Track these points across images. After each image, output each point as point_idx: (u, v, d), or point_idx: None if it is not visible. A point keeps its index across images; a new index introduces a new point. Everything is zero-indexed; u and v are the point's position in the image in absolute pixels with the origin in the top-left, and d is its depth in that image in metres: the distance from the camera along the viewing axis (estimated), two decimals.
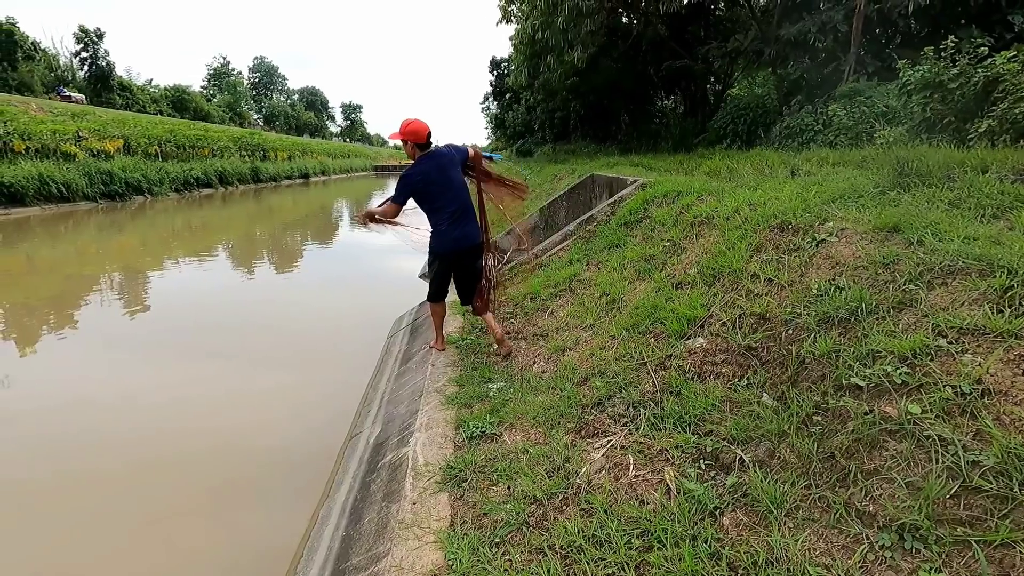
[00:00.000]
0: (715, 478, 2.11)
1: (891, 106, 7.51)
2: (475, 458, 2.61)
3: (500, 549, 2.01)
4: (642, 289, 3.99)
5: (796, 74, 11.72)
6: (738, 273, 3.25)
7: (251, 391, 4.93)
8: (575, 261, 5.28)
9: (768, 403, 2.33)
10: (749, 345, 2.70)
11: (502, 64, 27.59)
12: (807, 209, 3.39)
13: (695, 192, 4.91)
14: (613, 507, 2.08)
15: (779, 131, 9.49)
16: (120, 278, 9.82)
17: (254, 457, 3.88)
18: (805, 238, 3.10)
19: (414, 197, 3.90)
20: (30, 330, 6.74)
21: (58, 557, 2.94)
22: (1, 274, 9.72)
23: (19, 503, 3.34)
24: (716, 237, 3.86)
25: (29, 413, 4.44)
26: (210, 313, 7.42)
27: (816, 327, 2.43)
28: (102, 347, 6.02)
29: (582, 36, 13.00)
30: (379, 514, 2.51)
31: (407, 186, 3.84)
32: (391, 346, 5.44)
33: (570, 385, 3.14)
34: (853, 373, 2.06)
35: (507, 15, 16.38)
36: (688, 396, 2.60)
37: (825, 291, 2.58)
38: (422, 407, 3.31)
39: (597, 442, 2.57)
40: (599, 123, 18.90)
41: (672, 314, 3.30)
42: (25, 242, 13.01)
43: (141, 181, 21.36)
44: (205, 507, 3.36)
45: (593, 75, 15.35)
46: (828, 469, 1.87)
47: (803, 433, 2.05)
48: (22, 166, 16.56)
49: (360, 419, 4.04)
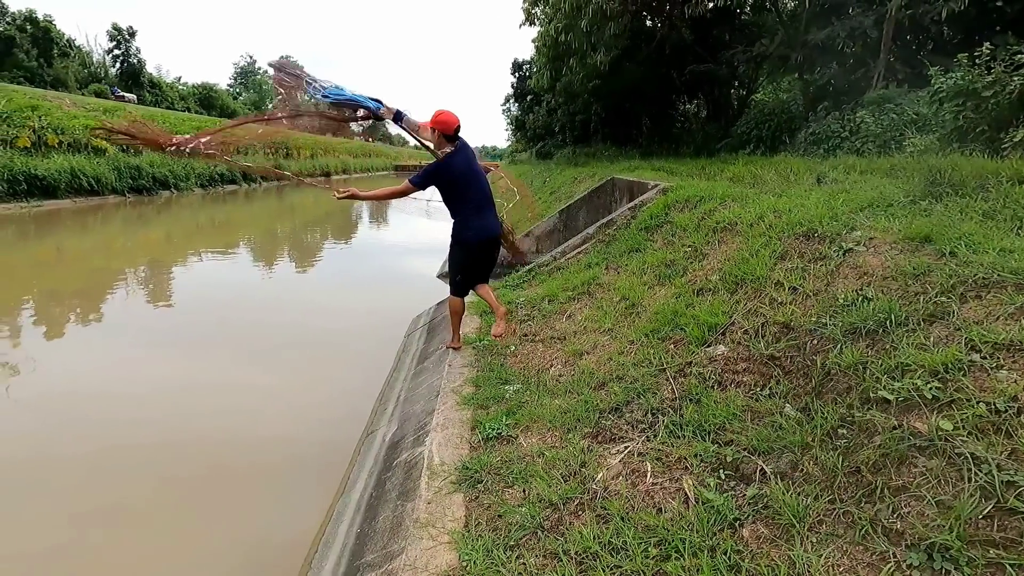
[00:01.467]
0: (735, 489, 2.07)
1: (921, 114, 7.34)
2: (491, 460, 2.61)
3: (515, 552, 2.00)
4: (662, 294, 3.95)
5: (823, 80, 11.53)
6: (761, 281, 3.20)
7: (270, 386, 4.99)
8: (594, 264, 5.25)
9: (791, 414, 2.29)
10: (772, 354, 2.65)
11: (524, 66, 27.58)
12: (834, 217, 3.32)
13: (718, 197, 4.85)
14: (630, 514, 2.06)
15: (804, 137, 9.33)
16: (145, 271, 10.03)
17: (272, 450, 3.94)
18: (832, 247, 3.04)
19: (441, 187, 4.00)
20: (57, 319, 6.91)
21: (73, 541, 3.00)
22: (33, 264, 9.99)
23: (35, 489, 3.41)
24: (739, 244, 3.80)
25: (52, 399, 4.55)
26: (232, 308, 7.53)
27: (842, 338, 2.38)
28: (125, 338, 6.15)
29: (605, 39, 12.93)
30: (394, 512, 2.51)
31: (435, 176, 3.92)
32: (408, 345, 5.47)
33: (587, 389, 3.12)
34: (881, 386, 2.01)
35: (530, 17, 16.37)
36: (708, 404, 2.56)
37: (852, 301, 2.52)
38: (438, 407, 3.31)
39: (614, 448, 2.55)
40: (620, 126, 18.78)
41: (693, 320, 3.26)
42: (56, 234, 13.36)
43: (168, 176, 21.80)
44: (222, 497, 3.41)
45: (615, 78, 15.26)
46: (854, 484, 1.82)
47: (827, 446, 2.01)
48: (55, 159, 17.01)
49: (376, 416, 4.06)
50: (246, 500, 3.41)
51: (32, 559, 2.85)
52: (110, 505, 3.29)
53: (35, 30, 37.68)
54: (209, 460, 3.78)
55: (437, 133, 3.95)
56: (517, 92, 28.78)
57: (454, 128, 3.94)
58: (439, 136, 3.95)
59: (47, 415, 4.33)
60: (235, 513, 3.30)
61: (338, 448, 3.84)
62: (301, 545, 2.89)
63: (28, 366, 5.21)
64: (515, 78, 28.37)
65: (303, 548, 2.86)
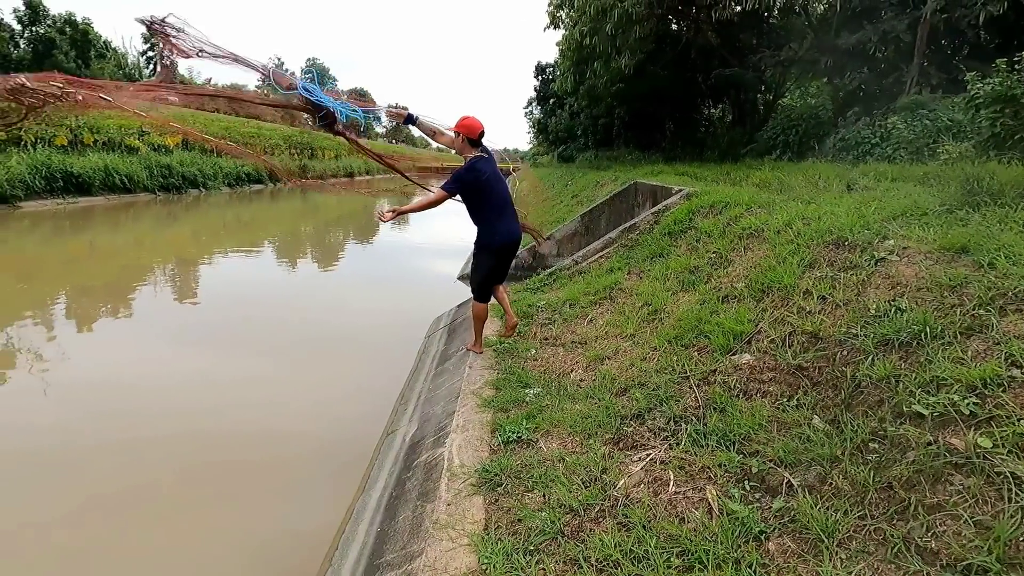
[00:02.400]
0: (760, 500, 2.03)
1: (956, 120, 7.15)
2: (511, 463, 2.60)
3: (534, 557, 1.99)
4: (686, 301, 3.91)
5: (853, 85, 11.31)
6: (789, 289, 3.14)
7: (291, 382, 5.06)
8: (616, 269, 5.22)
9: (819, 426, 2.24)
10: (800, 364, 2.60)
11: (547, 69, 27.62)
12: (865, 225, 3.25)
13: (744, 204, 4.78)
14: (652, 523, 2.03)
15: (833, 143, 9.16)
16: (173, 268, 10.26)
17: (294, 445, 3.99)
18: (863, 256, 2.97)
19: (467, 193, 4.02)
20: (88, 312, 7.11)
21: (97, 525, 3.07)
22: (67, 259, 10.30)
23: (65, 474, 3.51)
24: (766, 251, 3.74)
25: (82, 389, 4.68)
26: (256, 306, 7.66)
27: (874, 349, 2.32)
28: (153, 332, 6.29)
29: (630, 43, 12.86)
30: (414, 512, 2.52)
31: (465, 183, 3.95)
32: (429, 345, 5.49)
33: (609, 395, 3.09)
34: (915, 400, 1.95)
35: (555, 21, 16.37)
36: (733, 413, 2.52)
37: (884, 312, 2.46)
38: (458, 408, 3.32)
39: (636, 455, 2.52)
40: (643, 130, 18.67)
41: (718, 328, 3.21)
42: (89, 230, 13.76)
43: (197, 175, 22.32)
44: (244, 489, 3.47)
45: (639, 82, 15.17)
46: (885, 500, 1.77)
47: (858, 460, 1.96)
48: (90, 158, 17.55)
49: (397, 416, 4.09)
50: (268, 493, 3.46)
51: (59, 539, 2.93)
52: (134, 493, 3.37)
53: (74, 32, 38.89)
54: (232, 453, 3.86)
55: (462, 138, 3.99)
56: (540, 95, 28.85)
57: (479, 133, 3.99)
58: (464, 141, 3.99)
59: (78, 404, 4.46)
60: (257, 506, 3.36)
61: (358, 446, 3.88)
62: (322, 541, 2.92)
63: (60, 357, 5.37)
64: (538, 81, 28.45)
65: (323, 544, 2.89)
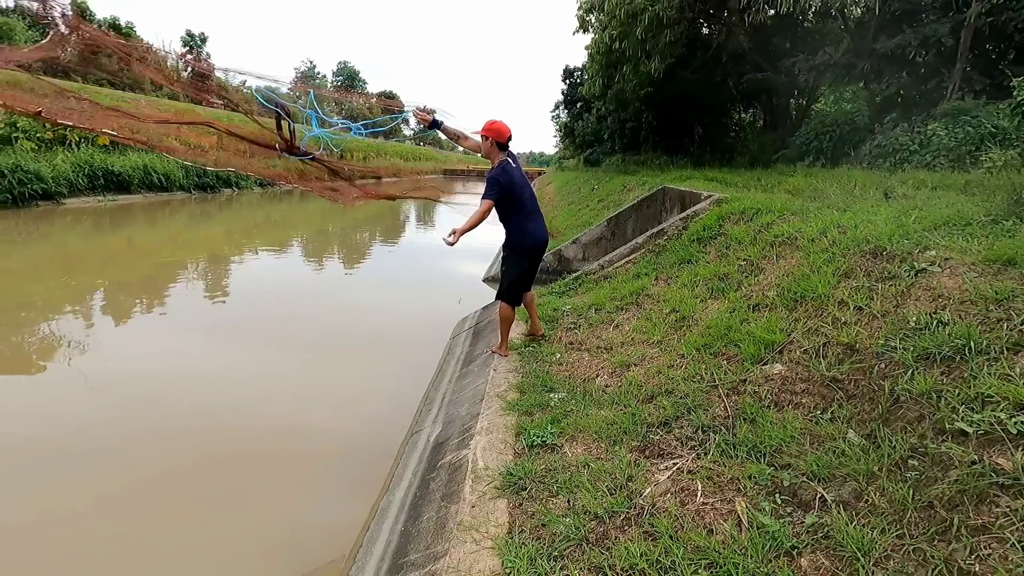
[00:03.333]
0: (792, 515, 1.98)
1: (1001, 127, 6.90)
2: (535, 467, 2.59)
3: (558, 563, 1.98)
4: (715, 308, 3.85)
5: (891, 90, 11.00)
6: (823, 299, 3.07)
7: (317, 379, 5.13)
8: (643, 275, 5.17)
9: (855, 440, 2.17)
10: (834, 376, 2.53)
11: (575, 73, 27.55)
12: (905, 235, 3.15)
13: (776, 211, 4.69)
14: (679, 533, 2.00)
15: (869, 149, 8.92)
16: (205, 265, 10.53)
17: (319, 442, 4.05)
18: (902, 266, 2.88)
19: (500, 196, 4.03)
20: (125, 306, 7.34)
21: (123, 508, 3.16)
22: (106, 255, 10.66)
23: (98, 461, 3.62)
24: (799, 259, 3.66)
25: (118, 380, 4.83)
26: (283, 304, 7.80)
27: (914, 363, 2.24)
28: (185, 327, 6.46)
29: (660, 47, 12.75)
30: (438, 513, 2.53)
31: (501, 186, 3.96)
32: (453, 347, 5.52)
33: (635, 402, 3.06)
34: (958, 417, 1.88)
35: (584, 25, 16.33)
36: (764, 425, 2.47)
37: (925, 325, 2.38)
38: (483, 411, 3.33)
39: (662, 463, 2.49)
40: (671, 135, 18.46)
41: (748, 337, 3.16)
42: (128, 226, 14.23)
43: (230, 175, 22.88)
44: (271, 483, 3.53)
45: (669, 86, 15.02)
46: (925, 519, 1.71)
47: (896, 477, 1.90)
48: (130, 157, 18.16)
49: (421, 416, 4.12)
50: (293, 487, 3.52)
51: (87, 522, 3.03)
52: (165, 482, 3.47)
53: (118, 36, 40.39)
54: (259, 446, 3.93)
55: (491, 141, 4.00)
56: (567, 99, 28.78)
57: (507, 137, 4.01)
58: (492, 145, 4.01)
59: (113, 394, 4.60)
60: (283, 499, 3.41)
61: (382, 444, 3.92)
62: (346, 537, 2.95)
63: (98, 349, 5.55)
64: (565, 85, 28.39)
65: (348, 540, 2.92)
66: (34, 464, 3.56)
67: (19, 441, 3.80)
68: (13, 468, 3.50)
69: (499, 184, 3.93)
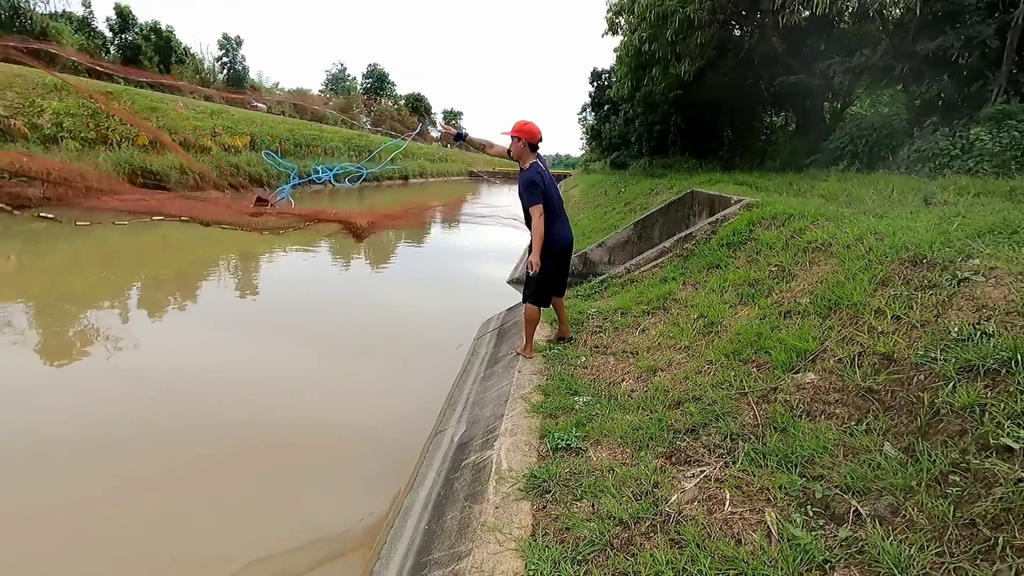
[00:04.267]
0: (824, 528, 1.93)
1: None
2: (559, 470, 2.58)
3: (582, 567, 1.97)
4: (744, 314, 3.78)
5: (931, 93, 10.65)
6: (859, 307, 2.98)
7: (343, 376, 5.21)
8: (670, 279, 5.11)
9: (892, 453, 2.10)
10: (870, 387, 2.46)
11: (603, 75, 27.40)
12: (947, 243, 3.05)
13: (809, 216, 4.58)
14: (706, 542, 1.97)
15: (907, 154, 8.65)
16: (237, 263, 10.79)
17: (345, 437, 4.12)
18: (943, 275, 2.78)
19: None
20: (159, 302, 7.57)
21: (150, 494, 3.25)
22: (139, 252, 11.01)
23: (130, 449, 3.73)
24: (833, 266, 3.57)
25: (150, 373, 4.97)
26: (311, 301, 7.94)
27: (955, 375, 2.16)
28: (215, 323, 6.63)
29: (690, 49, 12.60)
30: (461, 513, 2.54)
31: (540, 187, 3.98)
32: (478, 348, 5.53)
33: (661, 407, 3.02)
34: (1003, 432, 1.81)
35: (613, 27, 16.24)
36: (795, 434, 2.41)
37: (968, 336, 2.29)
38: (507, 412, 3.33)
39: (689, 471, 2.45)
40: (700, 138, 18.21)
41: (779, 344, 3.09)
42: (163, 224, 14.65)
43: (262, 175, 23.42)
44: (296, 477, 3.60)
45: (698, 88, 14.83)
46: (967, 537, 1.65)
47: (936, 492, 1.83)
48: (168, 156, 18.74)
49: (445, 416, 4.14)
50: (318, 481, 3.58)
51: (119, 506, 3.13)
52: (194, 470, 3.57)
53: (158, 39, 41.73)
54: (286, 438, 4.01)
55: (523, 143, 4.00)
56: (595, 101, 28.63)
57: (539, 138, 4.01)
58: (524, 146, 4.00)
59: (147, 386, 4.74)
60: (308, 492, 3.48)
61: (406, 442, 3.95)
62: (370, 533, 2.99)
63: (132, 341, 5.73)
64: (593, 87, 28.25)
65: (371, 536, 2.96)
66: (76, 452, 3.70)
67: (66, 431, 3.95)
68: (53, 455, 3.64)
69: (538, 185, 3.93)
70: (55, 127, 15.72)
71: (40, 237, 10.83)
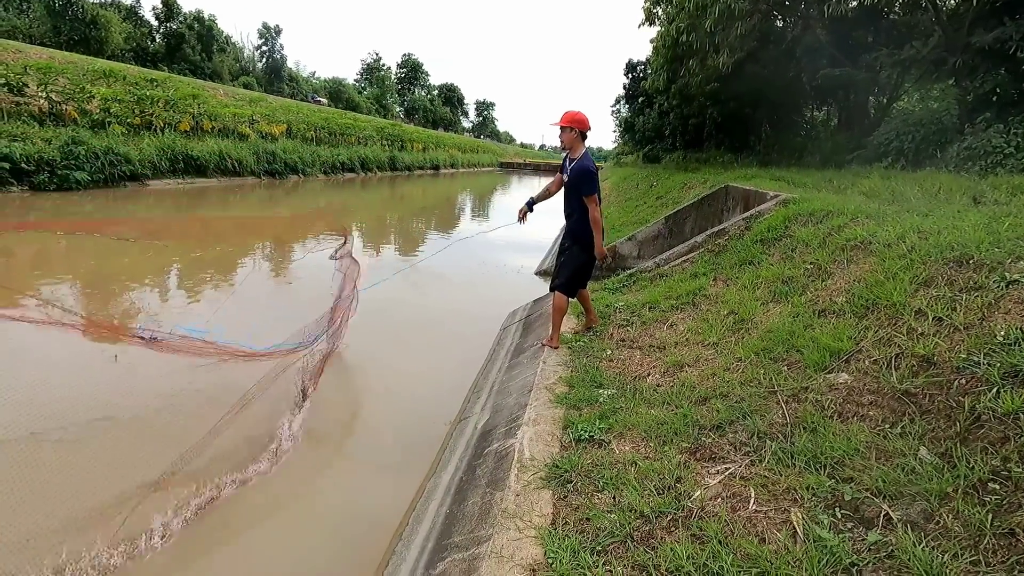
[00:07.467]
0: (853, 531, 1.88)
1: None
2: (581, 461, 2.58)
3: (602, 558, 1.97)
4: (777, 312, 3.69)
5: (985, 87, 10.12)
6: (898, 307, 2.88)
7: (371, 361, 5.29)
8: (701, 274, 5.02)
9: (927, 458, 2.04)
10: (907, 389, 2.38)
11: (638, 67, 26.96)
12: (996, 243, 2.91)
13: (848, 213, 4.43)
14: (728, 539, 1.95)
15: (957, 151, 8.27)
16: (271, 248, 11.05)
17: (371, 420, 4.18)
18: (991, 276, 2.66)
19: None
20: (197, 285, 7.81)
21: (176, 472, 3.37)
22: (180, 233, 11.37)
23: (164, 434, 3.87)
24: (872, 264, 3.45)
25: None
26: None
27: (1000, 380, 2.07)
28: (249, 307, 6.79)
29: (730, 40, 12.26)
30: (483, 499, 2.57)
31: (597, 176, 4.01)
32: (503, 338, 5.56)
33: (687, 403, 2.99)
34: None
35: (650, 17, 15.94)
36: (825, 435, 2.35)
37: (1015, 340, 2.19)
38: (531, 402, 3.34)
39: (713, 467, 2.42)
40: (737, 132, 17.77)
41: (812, 343, 3.01)
42: (203, 207, 15.12)
43: (297, 162, 23.93)
44: (320, 458, 3.68)
45: (736, 81, 14.44)
46: (1006, 547, 1.59)
47: (973, 500, 1.77)
48: (208, 142, 19.29)
49: (469, 404, 4.18)
50: (344, 463, 3.66)
51: None
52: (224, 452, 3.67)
53: (201, 28, 42.81)
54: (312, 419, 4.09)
55: (576, 132, 3.99)
56: (629, 93, 28.23)
57: (589, 127, 4.01)
58: (578, 136, 3.99)
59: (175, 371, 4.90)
60: (333, 473, 3.55)
61: (430, 428, 4.01)
62: (392, 515, 3.04)
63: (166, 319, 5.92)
64: (628, 79, 27.84)
65: (395, 517, 3.01)
66: None
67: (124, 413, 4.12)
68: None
69: (595, 175, 3.95)
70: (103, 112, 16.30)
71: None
